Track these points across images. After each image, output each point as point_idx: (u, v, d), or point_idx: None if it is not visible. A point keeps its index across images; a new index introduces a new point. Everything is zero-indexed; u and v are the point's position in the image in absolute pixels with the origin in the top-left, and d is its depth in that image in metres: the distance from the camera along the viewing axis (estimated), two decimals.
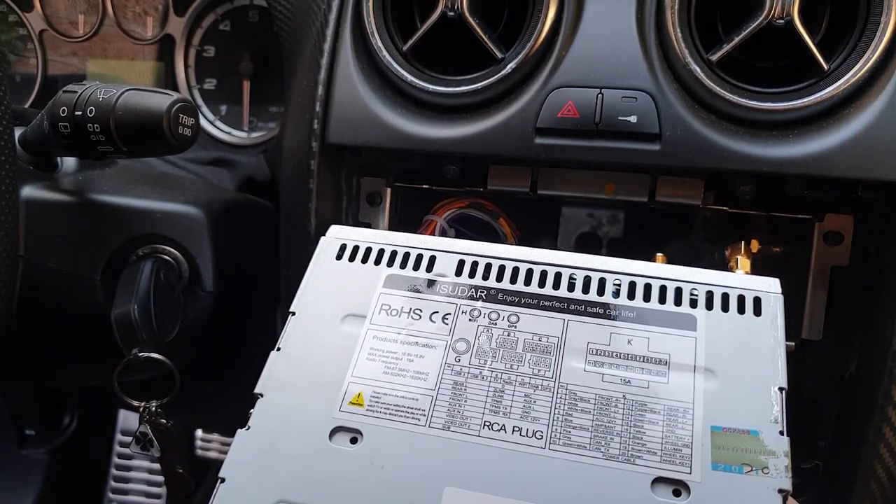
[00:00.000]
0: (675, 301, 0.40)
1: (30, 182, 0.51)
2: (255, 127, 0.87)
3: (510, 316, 0.41)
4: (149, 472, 1.15)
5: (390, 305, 0.42)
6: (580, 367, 0.38)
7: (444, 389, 0.38)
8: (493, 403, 0.38)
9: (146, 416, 0.56)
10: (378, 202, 0.63)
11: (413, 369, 0.39)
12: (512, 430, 0.37)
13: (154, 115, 0.46)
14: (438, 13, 0.56)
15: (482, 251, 0.44)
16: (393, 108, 0.57)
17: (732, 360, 0.38)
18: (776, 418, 0.35)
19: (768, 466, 0.34)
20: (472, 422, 0.37)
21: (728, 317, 0.39)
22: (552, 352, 0.39)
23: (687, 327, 0.39)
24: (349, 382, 0.39)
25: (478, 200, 0.61)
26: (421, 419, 0.37)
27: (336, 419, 0.38)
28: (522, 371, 0.39)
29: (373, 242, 0.45)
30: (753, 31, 0.50)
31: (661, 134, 0.52)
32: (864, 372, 0.54)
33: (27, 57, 0.92)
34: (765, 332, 0.38)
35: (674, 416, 0.36)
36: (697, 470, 0.34)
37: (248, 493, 0.35)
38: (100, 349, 0.52)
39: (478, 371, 0.39)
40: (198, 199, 0.58)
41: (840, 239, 0.55)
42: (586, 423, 0.36)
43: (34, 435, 1.03)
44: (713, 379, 0.37)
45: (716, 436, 0.35)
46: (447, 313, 0.41)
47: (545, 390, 0.38)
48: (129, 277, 0.52)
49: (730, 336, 0.38)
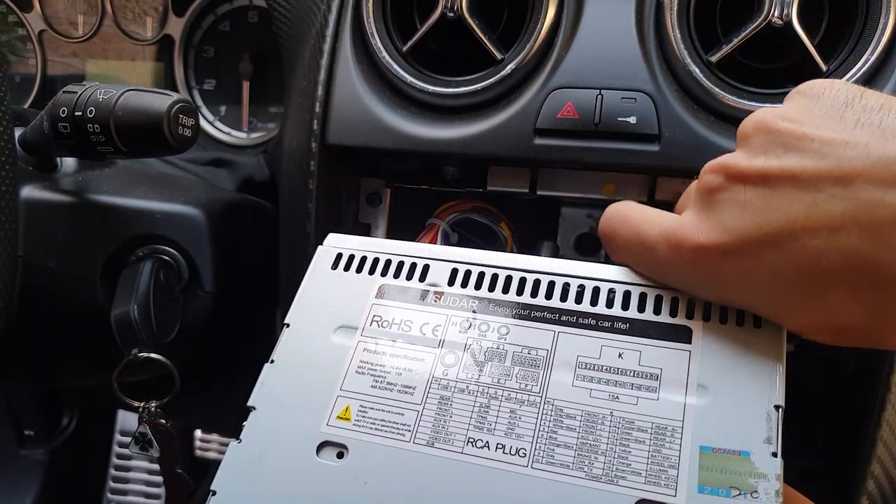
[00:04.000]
0: (671, 311, 0.38)
1: (30, 182, 0.51)
2: (254, 127, 0.87)
3: (500, 328, 0.40)
4: (148, 473, 1.15)
5: (382, 316, 0.41)
6: (568, 381, 0.37)
7: (431, 404, 0.38)
8: (479, 419, 0.37)
9: (145, 416, 0.56)
10: (378, 203, 0.63)
11: (401, 383, 0.39)
12: (495, 448, 0.36)
13: (154, 115, 0.46)
14: (438, 14, 0.56)
15: (476, 259, 0.43)
16: (393, 108, 0.57)
17: (727, 375, 0.36)
18: (769, 438, 0.33)
19: (758, 490, 0.32)
20: (457, 438, 0.36)
21: (726, 329, 0.37)
22: (540, 365, 0.38)
23: (681, 339, 0.37)
24: (338, 396, 0.38)
25: (481, 204, 0.61)
26: (406, 434, 0.37)
27: (323, 433, 0.37)
28: (509, 385, 0.38)
29: (367, 251, 0.44)
30: (752, 32, 0.50)
31: (660, 135, 0.52)
32: (862, 373, 0.54)
33: (27, 57, 0.92)
34: (764, 345, 0.36)
35: (661, 434, 0.35)
36: (683, 492, 0.33)
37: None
38: (99, 349, 0.52)
39: (465, 385, 0.38)
40: (198, 199, 0.58)
41: None
42: (571, 441, 0.35)
43: (33, 435, 1.03)
44: (705, 395, 0.35)
45: (704, 456, 0.34)
46: (437, 325, 0.40)
47: (531, 406, 0.37)
48: (128, 278, 0.52)
49: (726, 349, 0.37)
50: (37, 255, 0.51)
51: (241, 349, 0.68)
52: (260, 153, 0.80)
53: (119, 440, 1.16)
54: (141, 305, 0.50)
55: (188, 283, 0.56)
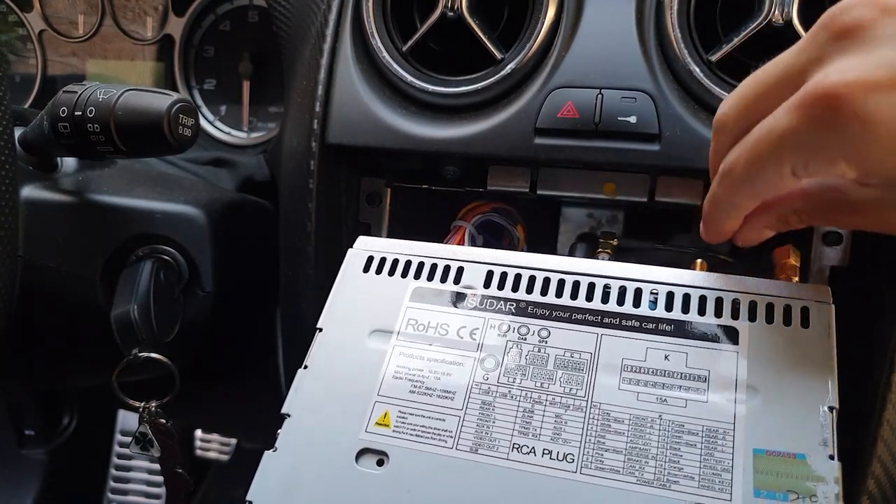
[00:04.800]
0: (716, 312, 0.38)
1: (30, 182, 0.51)
2: (254, 127, 0.87)
3: (541, 330, 0.39)
4: (148, 473, 1.15)
5: (417, 320, 0.41)
6: (614, 384, 0.37)
7: (472, 409, 0.37)
8: (523, 424, 0.36)
9: (146, 416, 0.56)
10: (378, 202, 0.63)
11: (440, 388, 0.38)
12: (542, 453, 0.35)
13: (154, 115, 0.46)
14: (438, 14, 0.56)
15: (511, 261, 0.42)
16: (393, 108, 0.57)
17: (777, 376, 0.35)
18: (825, 441, 0.33)
19: (816, 494, 0.31)
20: (501, 444, 0.36)
21: (773, 328, 0.37)
22: (584, 369, 0.37)
23: (728, 340, 0.37)
24: (375, 402, 0.38)
25: (501, 205, 0.60)
26: (448, 441, 0.36)
27: (362, 440, 0.37)
28: (553, 390, 0.37)
29: (399, 254, 0.43)
30: (753, 31, 0.50)
31: (660, 134, 0.52)
32: (863, 372, 0.54)
33: (27, 57, 0.92)
34: (813, 345, 0.36)
35: (713, 437, 0.34)
36: (738, 497, 0.32)
37: None
38: (99, 349, 0.52)
39: (507, 390, 0.37)
40: (198, 199, 0.58)
41: (839, 239, 0.55)
42: (620, 446, 0.35)
43: (33, 435, 1.03)
44: (756, 397, 0.35)
45: (758, 459, 0.33)
46: (475, 328, 0.40)
47: (577, 410, 0.36)
48: (128, 277, 0.52)
49: (775, 350, 0.36)
50: (37, 255, 0.51)
51: (241, 349, 0.68)
52: (260, 153, 0.80)
53: (119, 440, 1.16)
54: (141, 305, 0.50)
55: (188, 283, 0.56)
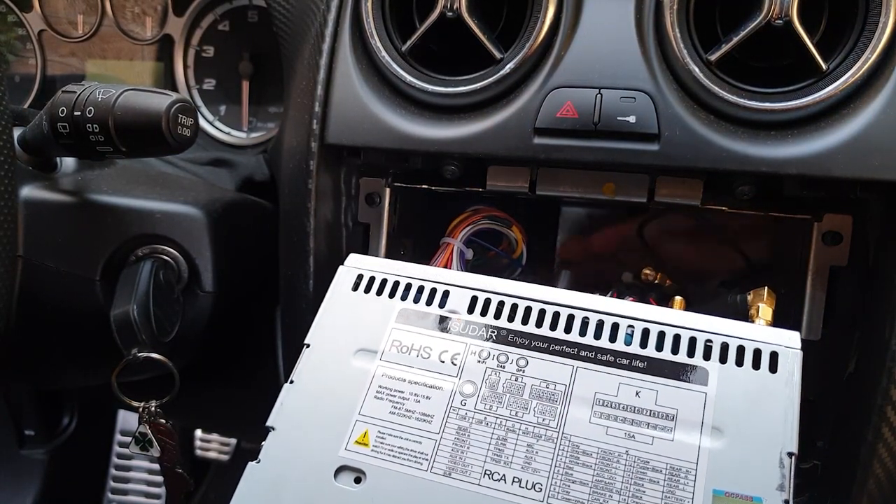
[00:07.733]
0: (689, 352, 0.39)
1: (29, 182, 0.51)
2: (254, 127, 0.87)
3: (519, 359, 0.40)
4: (148, 473, 1.15)
5: (401, 342, 0.42)
6: (585, 417, 0.38)
7: (448, 434, 0.38)
8: (496, 451, 0.37)
9: (146, 416, 0.56)
10: (377, 202, 0.63)
11: (419, 410, 0.39)
12: (512, 481, 0.36)
13: (153, 115, 0.46)
14: (437, 14, 0.56)
15: (496, 288, 0.43)
16: (392, 108, 0.57)
17: (742, 419, 0.36)
18: (783, 486, 0.34)
19: None
20: (473, 469, 0.37)
21: (742, 371, 0.38)
22: (558, 400, 0.38)
23: (698, 381, 0.38)
24: (356, 420, 0.39)
25: (491, 212, 0.60)
26: (423, 463, 0.37)
27: (341, 458, 0.38)
28: (527, 419, 0.38)
29: (388, 274, 0.44)
30: (752, 31, 0.50)
31: (659, 134, 0.52)
32: (863, 372, 0.54)
33: (26, 57, 0.92)
34: (779, 390, 0.37)
35: (676, 476, 0.35)
36: None
37: None
38: (99, 349, 0.52)
39: (483, 416, 0.38)
40: (197, 199, 0.58)
41: (839, 239, 0.55)
42: (587, 478, 0.36)
43: (33, 435, 1.03)
44: (720, 439, 0.36)
45: (718, 500, 0.34)
46: (456, 353, 0.41)
47: (548, 441, 0.37)
48: (128, 278, 0.52)
49: (742, 393, 0.37)
50: (36, 255, 0.51)
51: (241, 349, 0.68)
52: (260, 153, 0.80)
53: (119, 440, 1.16)
54: (141, 305, 0.50)
55: (188, 283, 0.56)
